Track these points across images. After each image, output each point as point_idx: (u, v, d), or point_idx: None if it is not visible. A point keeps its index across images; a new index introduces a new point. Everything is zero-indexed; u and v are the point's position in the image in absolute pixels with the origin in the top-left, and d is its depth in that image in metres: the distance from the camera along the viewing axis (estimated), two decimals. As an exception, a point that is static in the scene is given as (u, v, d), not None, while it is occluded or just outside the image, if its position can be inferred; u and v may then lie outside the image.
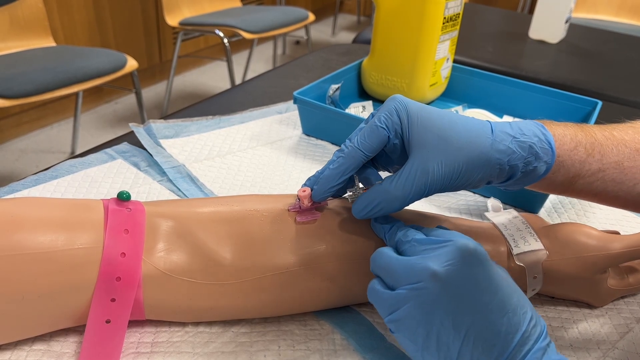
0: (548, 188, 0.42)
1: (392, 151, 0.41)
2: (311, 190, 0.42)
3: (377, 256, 0.37)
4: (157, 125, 0.70)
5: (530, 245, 0.44)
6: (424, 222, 0.45)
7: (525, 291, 0.45)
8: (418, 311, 0.33)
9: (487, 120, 0.40)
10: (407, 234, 0.38)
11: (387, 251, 0.37)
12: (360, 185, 0.43)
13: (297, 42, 3.45)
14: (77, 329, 0.40)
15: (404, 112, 0.39)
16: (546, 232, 0.45)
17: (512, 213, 0.48)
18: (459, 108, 0.78)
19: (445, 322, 0.32)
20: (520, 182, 0.41)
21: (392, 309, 0.34)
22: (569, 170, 0.40)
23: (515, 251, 0.44)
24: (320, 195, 0.41)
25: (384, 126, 0.39)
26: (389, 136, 0.39)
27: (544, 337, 0.32)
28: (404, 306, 0.33)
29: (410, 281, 0.33)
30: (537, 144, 0.39)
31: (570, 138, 0.41)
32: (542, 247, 0.44)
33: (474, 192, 0.63)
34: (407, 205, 0.39)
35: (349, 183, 0.42)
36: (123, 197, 0.39)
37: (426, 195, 0.38)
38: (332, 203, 0.44)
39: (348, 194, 0.43)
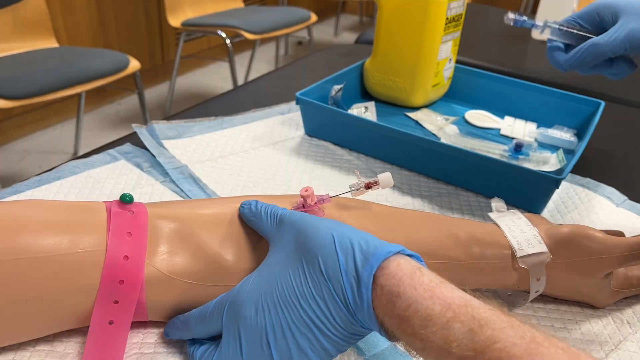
0: None
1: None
2: None
3: None
4: (159, 126, 0.70)
5: (535, 247, 0.44)
6: (426, 223, 0.45)
7: (528, 293, 0.45)
8: None
9: None
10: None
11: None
12: (363, 179, 0.43)
13: (300, 43, 3.45)
14: (80, 330, 0.40)
15: (605, 8, 0.53)
16: (550, 234, 0.45)
17: (516, 214, 0.48)
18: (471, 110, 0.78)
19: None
20: None
21: None
22: None
23: (519, 254, 0.43)
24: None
25: (578, 20, 0.56)
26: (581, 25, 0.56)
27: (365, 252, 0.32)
28: None
29: None
30: None
31: None
32: (546, 250, 0.43)
33: (477, 193, 0.63)
34: (613, 53, 0.50)
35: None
36: (126, 200, 0.39)
37: (630, 50, 0.50)
38: (335, 202, 0.44)
39: (351, 190, 0.44)
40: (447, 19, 0.76)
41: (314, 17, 2.38)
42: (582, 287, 0.45)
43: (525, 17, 0.60)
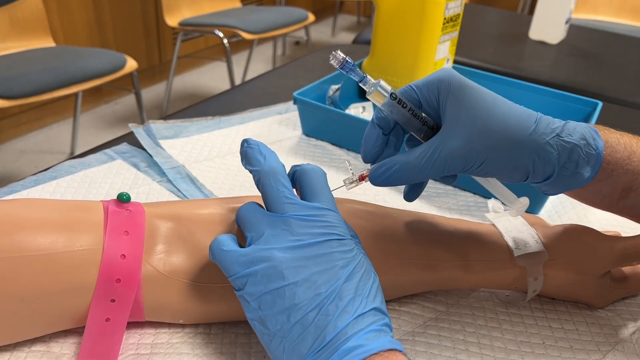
0: (594, 199, 0.40)
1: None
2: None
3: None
4: (156, 125, 0.70)
5: (531, 247, 0.44)
6: (423, 224, 0.45)
7: (525, 292, 0.45)
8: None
9: (538, 112, 0.38)
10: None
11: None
12: (352, 173, 0.43)
13: (297, 43, 3.45)
14: (76, 330, 0.40)
15: (445, 84, 0.38)
16: (547, 233, 0.45)
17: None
18: None
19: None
20: (558, 185, 0.38)
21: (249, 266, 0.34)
22: (619, 181, 0.38)
23: (516, 253, 0.43)
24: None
25: (416, 92, 0.39)
26: (420, 102, 0.39)
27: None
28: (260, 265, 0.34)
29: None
30: (583, 148, 0.37)
31: (624, 146, 0.38)
32: (543, 249, 0.43)
33: (475, 193, 0.63)
34: (428, 178, 0.38)
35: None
36: (123, 199, 0.39)
37: (448, 174, 0.37)
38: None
39: (345, 183, 0.43)
40: (444, 19, 0.76)
41: (311, 17, 2.38)
42: (579, 286, 0.45)
43: (353, 64, 0.43)
